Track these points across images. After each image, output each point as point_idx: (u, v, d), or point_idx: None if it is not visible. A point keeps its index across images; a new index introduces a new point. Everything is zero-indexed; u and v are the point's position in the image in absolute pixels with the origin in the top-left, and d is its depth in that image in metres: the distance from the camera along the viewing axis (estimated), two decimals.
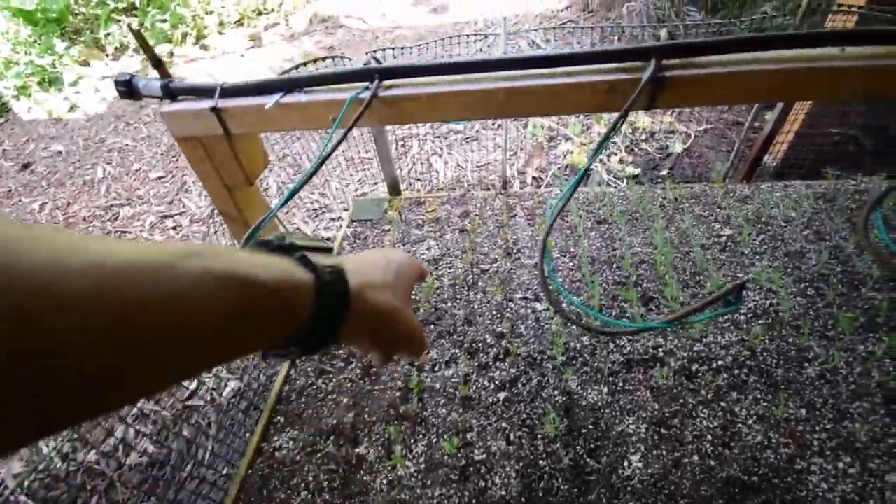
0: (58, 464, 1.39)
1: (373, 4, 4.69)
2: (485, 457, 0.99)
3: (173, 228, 2.35)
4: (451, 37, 1.95)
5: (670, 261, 1.30)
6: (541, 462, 0.96)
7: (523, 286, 1.32)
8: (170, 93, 0.81)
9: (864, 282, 1.18)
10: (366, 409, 1.10)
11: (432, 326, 1.25)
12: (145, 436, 1.43)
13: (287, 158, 2.53)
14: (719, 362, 1.07)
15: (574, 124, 2.56)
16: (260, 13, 4.57)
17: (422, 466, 0.99)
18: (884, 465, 0.87)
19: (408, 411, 1.08)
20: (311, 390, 1.17)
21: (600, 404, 1.03)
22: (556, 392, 1.07)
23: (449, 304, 1.30)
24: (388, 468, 0.99)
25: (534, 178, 2.30)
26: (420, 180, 2.40)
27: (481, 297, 1.31)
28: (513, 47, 3.09)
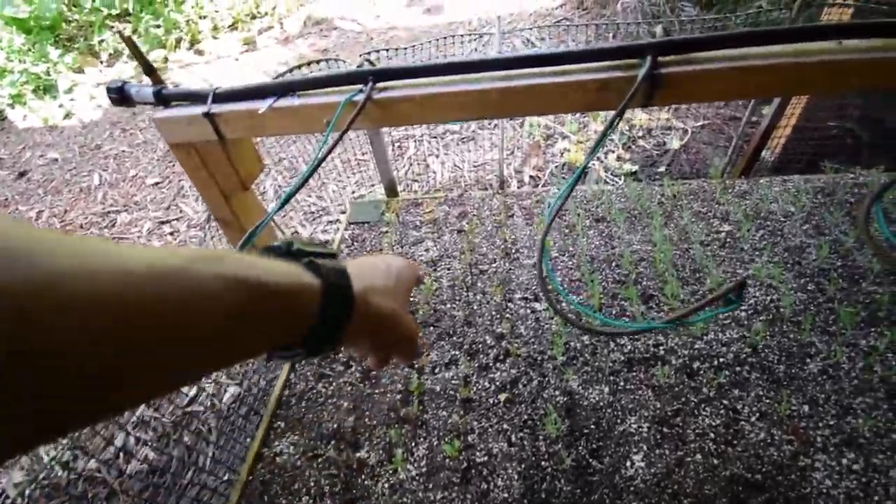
0: (58, 472, 1.39)
1: (367, 6, 4.68)
2: (486, 459, 0.98)
3: (171, 234, 2.34)
4: (445, 37, 1.95)
5: (670, 258, 1.30)
6: (543, 463, 0.96)
7: (522, 286, 1.31)
8: (162, 99, 0.81)
9: (865, 276, 1.18)
10: (366, 413, 1.10)
11: (432, 328, 1.25)
12: (145, 443, 1.43)
13: (283, 162, 2.53)
14: (721, 360, 1.07)
15: (571, 122, 2.55)
16: (254, 17, 4.55)
17: (423, 470, 0.98)
18: (888, 461, 0.87)
19: (408, 414, 1.07)
20: (312, 394, 1.16)
21: (602, 404, 1.03)
22: (557, 392, 1.06)
23: (448, 306, 1.30)
24: (390, 472, 0.99)
25: (531, 177, 2.30)
26: (417, 181, 2.39)
27: (480, 298, 1.30)
28: (507, 46, 3.09)
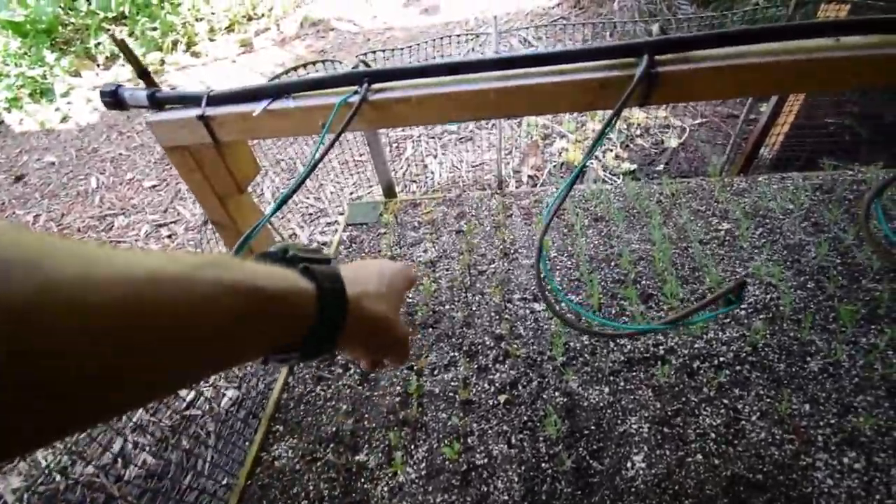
0: (56, 478, 1.38)
1: (363, 7, 4.67)
2: (486, 461, 0.97)
3: (168, 237, 2.34)
4: (442, 37, 1.94)
5: (669, 257, 1.29)
6: (543, 465, 0.95)
7: (521, 287, 1.31)
8: (156, 102, 0.80)
9: (865, 273, 1.18)
10: (365, 416, 1.09)
11: (430, 329, 1.24)
12: (144, 448, 1.42)
13: (281, 164, 2.52)
14: (721, 359, 1.06)
15: (568, 122, 2.54)
16: (250, 18, 4.54)
17: (423, 472, 0.98)
18: (889, 459, 0.87)
19: (408, 416, 1.07)
20: (310, 398, 1.16)
21: (602, 404, 1.02)
22: (556, 393, 1.06)
23: (447, 307, 1.29)
24: (389, 475, 0.98)
25: (529, 176, 2.29)
26: (415, 182, 2.39)
27: (479, 299, 1.30)
28: (504, 46, 3.08)
